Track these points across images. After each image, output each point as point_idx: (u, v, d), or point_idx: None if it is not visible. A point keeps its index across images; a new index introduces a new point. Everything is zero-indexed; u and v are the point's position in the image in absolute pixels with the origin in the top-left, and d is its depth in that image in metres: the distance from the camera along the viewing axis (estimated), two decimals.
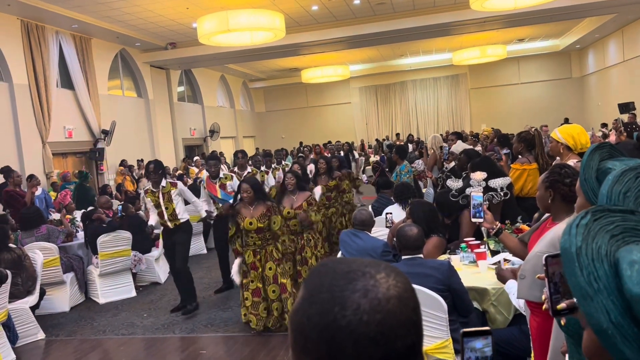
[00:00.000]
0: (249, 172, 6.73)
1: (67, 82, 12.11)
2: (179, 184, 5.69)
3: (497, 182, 3.99)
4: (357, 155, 12.02)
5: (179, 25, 12.77)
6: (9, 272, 4.76)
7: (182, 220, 5.53)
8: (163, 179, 5.56)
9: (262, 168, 7.42)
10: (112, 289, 6.42)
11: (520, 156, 4.87)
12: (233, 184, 6.08)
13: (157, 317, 5.55)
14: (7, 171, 7.60)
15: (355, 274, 0.71)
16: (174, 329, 5.26)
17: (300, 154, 13.99)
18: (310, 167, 8.77)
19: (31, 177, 8.56)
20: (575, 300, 1.17)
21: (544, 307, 1.48)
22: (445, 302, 2.91)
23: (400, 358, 0.68)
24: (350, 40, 14.38)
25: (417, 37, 15.09)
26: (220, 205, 5.95)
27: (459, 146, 6.92)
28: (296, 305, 0.74)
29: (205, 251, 8.64)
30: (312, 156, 12.30)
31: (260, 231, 4.73)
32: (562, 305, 1.37)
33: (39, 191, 8.63)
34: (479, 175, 4.04)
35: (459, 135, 7.27)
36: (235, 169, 7.01)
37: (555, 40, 20.15)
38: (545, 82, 22.17)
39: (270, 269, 4.73)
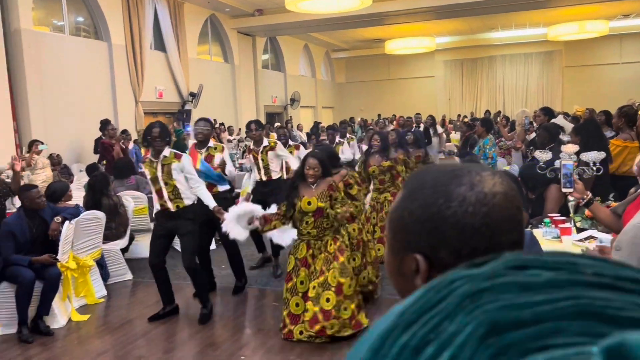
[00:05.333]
0: (265, 146, 5.68)
1: (160, 44, 12.66)
2: (184, 157, 4.45)
3: (590, 156, 3.77)
4: (440, 130, 11.70)
5: None
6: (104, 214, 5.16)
7: (187, 203, 4.43)
8: (167, 148, 4.39)
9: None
10: None
11: (620, 132, 4.56)
12: (223, 156, 5.11)
13: None
14: (104, 123, 8.15)
15: (460, 171, 0.71)
16: (249, 281, 5.48)
17: (379, 120, 13.84)
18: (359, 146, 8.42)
19: (124, 132, 9.13)
20: None
21: None
22: None
23: (462, 248, 0.68)
24: (439, 10, 13.92)
25: (510, 9, 14.33)
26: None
27: (558, 121, 6.57)
28: (395, 204, 0.75)
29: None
30: (392, 127, 12.17)
31: (319, 213, 3.99)
32: None
33: (130, 146, 9.20)
34: (570, 148, 3.84)
35: (549, 111, 6.89)
36: (251, 144, 5.87)
37: None
38: None
39: (324, 259, 3.99)
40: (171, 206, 4.37)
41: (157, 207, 4.49)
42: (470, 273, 0.39)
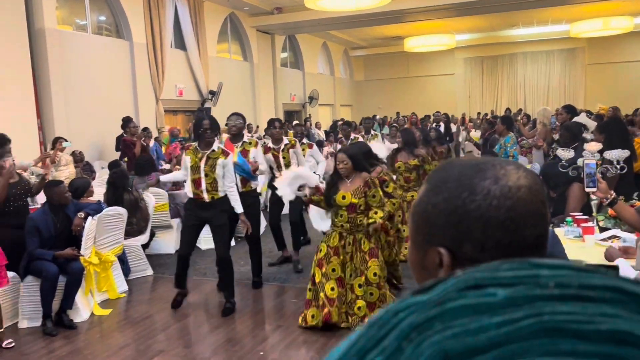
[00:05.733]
0: (286, 144, 5.73)
1: (180, 43, 12.77)
2: (231, 155, 4.64)
3: (614, 154, 3.72)
4: (454, 129, 11.62)
5: None
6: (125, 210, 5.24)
7: (221, 195, 4.54)
8: (216, 142, 4.61)
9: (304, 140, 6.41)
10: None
11: None
12: (256, 152, 5.18)
13: None
14: (126, 121, 8.24)
15: (485, 165, 0.71)
16: (268, 277, 5.52)
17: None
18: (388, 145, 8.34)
19: (145, 130, 9.24)
20: None
21: None
22: None
23: (527, 247, 0.68)
24: (459, 7, 13.80)
25: (532, 6, 14.16)
26: (236, 174, 4.90)
27: (580, 119, 6.46)
28: (419, 198, 0.74)
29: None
30: (406, 126, 12.11)
31: (352, 209, 4.13)
32: None
33: (151, 143, 9.31)
34: (593, 146, 3.79)
35: (572, 109, 6.77)
36: (269, 143, 5.87)
37: None
38: None
39: (361, 259, 4.18)
40: (206, 197, 4.49)
41: (189, 195, 4.59)
42: (415, 301, 0.36)
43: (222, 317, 4.56)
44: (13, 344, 4.14)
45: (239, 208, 4.58)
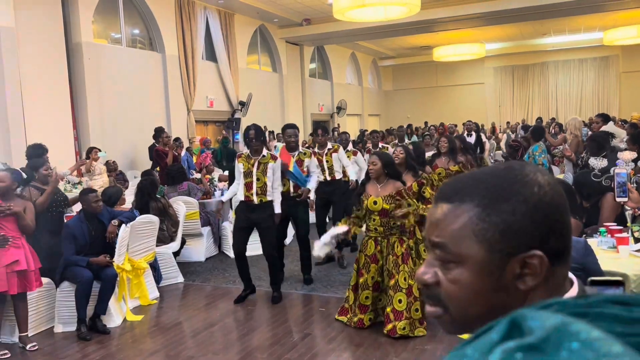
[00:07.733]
0: (329, 149, 6.17)
1: (211, 55, 13.02)
2: (278, 159, 5.05)
3: None
4: (484, 138, 11.50)
5: (315, 1, 13.07)
6: (157, 217, 5.35)
7: (269, 199, 4.95)
8: (264, 148, 5.01)
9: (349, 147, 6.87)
10: None
11: None
12: (310, 163, 5.54)
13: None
14: (158, 131, 8.42)
15: (509, 166, 0.74)
16: (296, 286, 5.56)
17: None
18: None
19: (177, 140, 9.43)
20: None
21: None
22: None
23: (562, 229, 0.71)
24: (489, 16, 13.69)
25: (564, 14, 13.93)
26: (289, 180, 5.35)
27: (609, 128, 6.34)
28: (469, 223, 0.72)
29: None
30: (437, 136, 12.02)
31: (384, 214, 4.22)
32: None
33: (182, 153, 9.49)
34: (627, 155, 3.72)
35: (606, 118, 6.64)
36: (316, 148, 6.27)
37: None
38: None
39: (393, 262, 4.24)
40: (255, 199, 4.91)
41: (241, 198, 4.98)
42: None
43: (272, 304, 5.01)
44: (37, 347, 4.26)
45: (278, 208, 4.99)
